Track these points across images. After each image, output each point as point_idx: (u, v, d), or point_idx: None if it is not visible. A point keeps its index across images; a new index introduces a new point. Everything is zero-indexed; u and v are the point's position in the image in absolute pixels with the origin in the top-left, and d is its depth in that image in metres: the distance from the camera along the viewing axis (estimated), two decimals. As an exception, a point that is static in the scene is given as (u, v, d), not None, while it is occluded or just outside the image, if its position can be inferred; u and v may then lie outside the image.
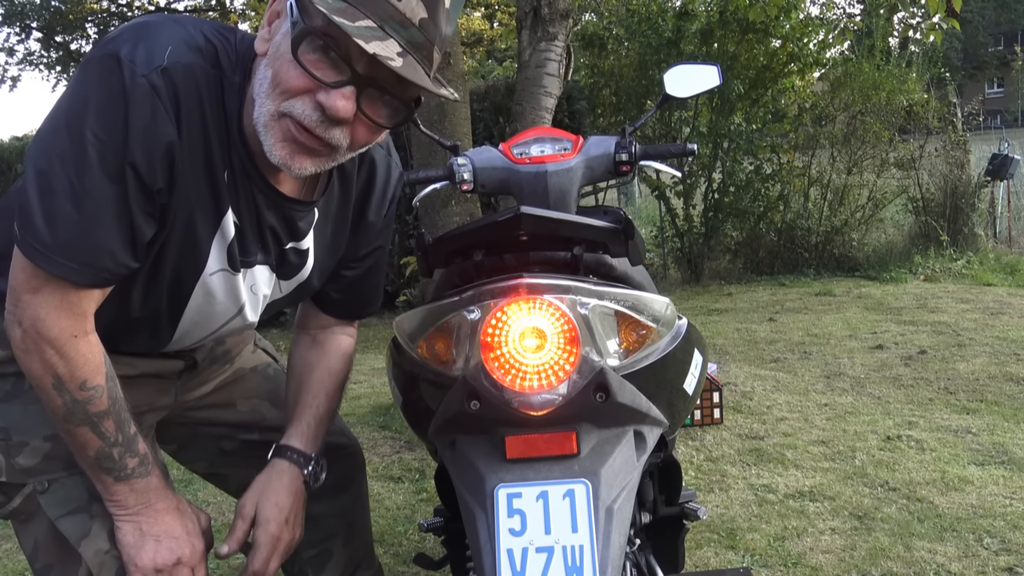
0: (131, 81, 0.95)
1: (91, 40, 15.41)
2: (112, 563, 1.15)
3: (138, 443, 1.09)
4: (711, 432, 3.31)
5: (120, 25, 1.03)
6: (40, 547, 1.18)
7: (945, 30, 5.23)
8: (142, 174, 0.98)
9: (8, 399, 1.16)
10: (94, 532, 1.15)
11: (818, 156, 7.33)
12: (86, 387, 1.02)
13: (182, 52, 0.99)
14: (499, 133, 6.29)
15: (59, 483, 1.15)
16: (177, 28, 1.02)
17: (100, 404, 1.04)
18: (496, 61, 18.91)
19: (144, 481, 1.10)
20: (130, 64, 0.95)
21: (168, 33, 1.00)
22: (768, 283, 6.88)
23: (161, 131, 0.98)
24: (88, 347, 1.03)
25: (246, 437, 1.47)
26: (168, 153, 1.00)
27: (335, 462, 1.46)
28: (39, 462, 1.15)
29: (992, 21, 38.49)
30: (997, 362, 3.99)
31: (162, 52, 0.97)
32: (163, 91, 0.97)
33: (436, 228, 3.36)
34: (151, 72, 0.96)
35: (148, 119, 0.96)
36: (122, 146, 0.96)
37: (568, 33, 3.98)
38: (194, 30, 1.03)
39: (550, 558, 1.03)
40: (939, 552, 2.23)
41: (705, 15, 6.80)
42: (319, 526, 1.47)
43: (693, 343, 1.34)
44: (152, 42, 0.98)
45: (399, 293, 4.80)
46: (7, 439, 1.15)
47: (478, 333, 1.07)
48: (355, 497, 1.57)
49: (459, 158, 1.73)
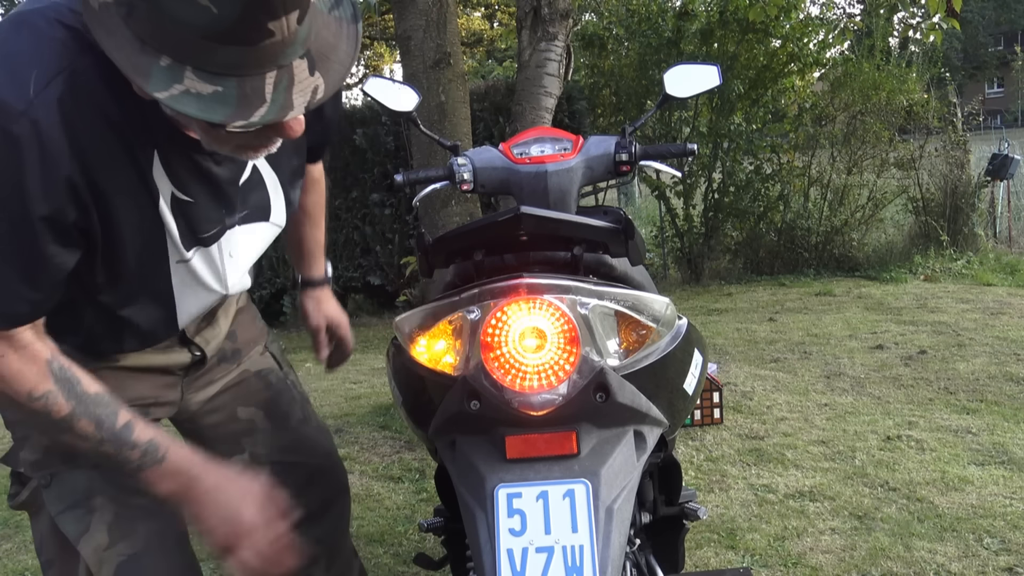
0: (8, 129, 0.87)
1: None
2: (112, 559, 1.15)
3: (132, 434, 1.03)
4: (711, 432, 3.31)
5: None
6: (44, 542, 1.19)
7: (945, 30, 5.23)
8: (51, 217, 0.93)
9: None
10: (93, 528, 1.14)
11: (818, 156, 7.33)
12: (33, 397, 0.98)
13: (49, 65, 0.90)
14: (499, 133, 6.29)
15: (59, 478, 1.15)
16: (31, 38, 0.91)
17: (60, 408, 0.99)
18: (496, 61, 18.90)
19: (159, 468, 1.04)
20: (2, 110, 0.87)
21: (25, 52, 0.90)
22: (768, 283, 6.88)
23: (55, 169, 0.91)
24: (20, 361, 0.98)
25: (244, 461, 1.43)
26: (70, 185, 0.93)
27: (317, 485, 1.45)
28: (40, 457, 1.16)
29: (992, 21, 38.49)
30: (997, 362, 3.99)
31: (28, 81, 0.88)
32: (44, 125, 0.88)
33: (436, 228, 3.36)
34: (26, 111, 0.87)
35: (38, 162, 0.89)
36: (22, 199, 0.89)
37: (568, 33, 3.98)
38: (47, 26, 0.92)
39: (550, 558, 1.03)
40: (939, 552, 2.23)
41: (705, 15, 6.80)
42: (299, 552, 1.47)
43: (693, 343, 1.34)
44: (14, 73, 0.88)
45: (399, 293, 4.80)
46: (14, 432, 1.18)
47: (478, 333, 1.07)
48: (336, 520, 1.53)
49: (459, 158, 1.73)
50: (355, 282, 7.07)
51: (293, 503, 1.37)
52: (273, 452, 1.42)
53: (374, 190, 6.80)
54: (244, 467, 1.35)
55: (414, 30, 3.51)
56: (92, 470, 1.14)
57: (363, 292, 7.15)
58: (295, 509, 1.36)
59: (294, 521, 1.34)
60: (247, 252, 1.21)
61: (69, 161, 0.92)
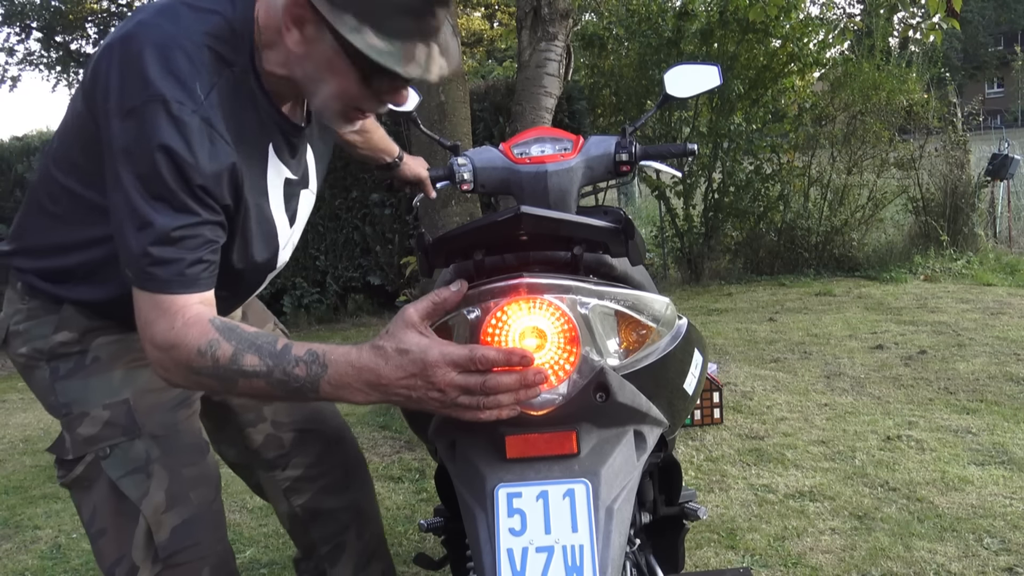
0: (187, 120, 1.04)
1: (91, 40, 15.40)
2: (169, 521, 1.24)
3: (291, 351, 1.02)
4: (711, 432, 3.31)
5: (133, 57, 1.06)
6: (97, 512, 1.26)
7: (945, 30, 5.23)
8: (215, 197, 1.07)
9: (69, 376, 1.26)
10: (152, 491, 1.24)
11: (818, 156, 7.32)
12: (201, 352, 1.02)
13: (207, 79, 1.08)
14: (499, 133, 6.29)
15: (120, 448, 1.24)
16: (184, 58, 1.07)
17: (225, 352, 1.02)
18: (496, 61, 18.91)
19: (326, 378, 1.01)
20: (179, 105, 1.03)
21: (184, 69, 1.06)
22: (768, 283, 6.88)
23: (223, 157, 1.08)
24: (187, 326, 1.04)
25: (267, 431, 1.54)
26: (232, 173, 1.10)
27: (336, 453, 1.57)
28: (100, 430, 1.24)
29: (992, 21, 38.48)
30: (997, 362, 3.99)
31: (195, 89, 1.05)
32: (214, 122, 1.07)
33: (436, 228, 3.36)
34: (199, 108, 1.05)
35: (209, 148, 1.06)
36: (193, 177, 1.04)
37: (568, 33, 3.98)
38: (195, 49, 1.08)
39: (550, 558, 1.03)
40: (939, 552, 2.23)
41: (705, 15, 6.80)
42: (333, 520, 1.58)
43: (693, 343, 1.34)
44: (183, 84, 1.05)
45: (399, 293, 4.80)
46: (69, 413, 1.25)
47: (478, 333, 1.07)
48: (361, 485, 1.64)
49: (459, 158, 1.73)
50: (355, 282, 7.08)
51: (318, 468, 1.56)
52: (295, 421, 1.54)
53: (374, 190, 6.80)
54: (267, 438, 1.53)
55: (414, 30, 3.50)
56: (150, 440, 1.24)
57: (363, 292, 7.16)
58: (321, 475, 1.56)
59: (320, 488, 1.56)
60: (303, 220, 1.36)
61: (233, 152, 1.09)
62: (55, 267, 1.24)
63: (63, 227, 1.21)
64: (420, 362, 0.98)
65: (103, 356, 1.27)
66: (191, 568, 1.26)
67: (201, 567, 1.28)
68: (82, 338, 1.26)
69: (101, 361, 1.26)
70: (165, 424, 1.27)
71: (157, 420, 1.26)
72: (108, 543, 1.26)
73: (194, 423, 1.34)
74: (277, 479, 1.57)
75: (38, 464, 3.82)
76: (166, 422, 1.27)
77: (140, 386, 1.26)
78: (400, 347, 0.99)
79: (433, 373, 0.98)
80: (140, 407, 1.25)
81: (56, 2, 14.32)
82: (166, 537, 1.24)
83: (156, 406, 1.27)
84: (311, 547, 1.63)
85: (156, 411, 1.27)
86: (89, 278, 1.23)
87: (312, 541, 1.61)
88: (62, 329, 1.25)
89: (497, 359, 0.98)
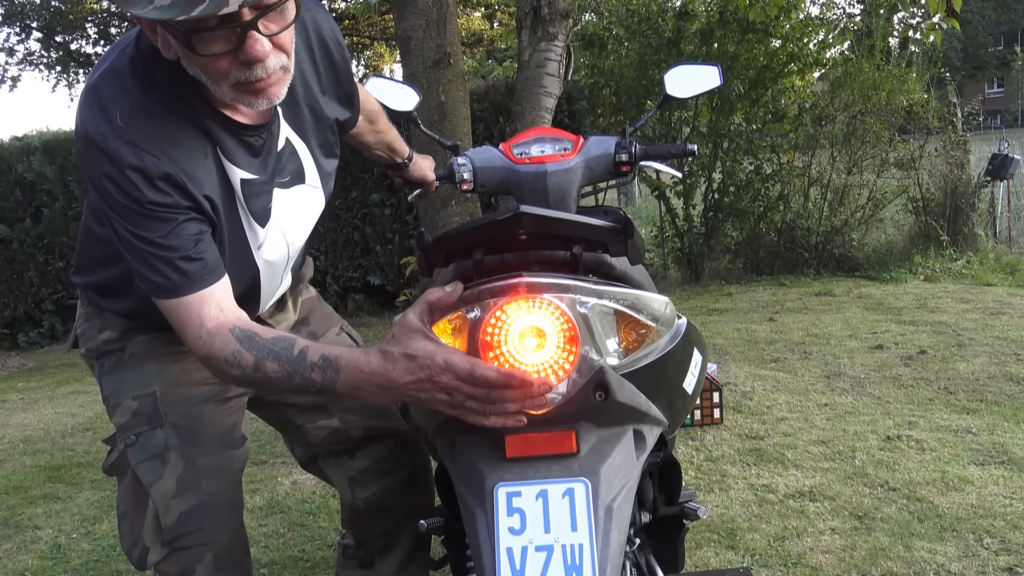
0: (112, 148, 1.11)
1: (91, 40, 15.39)
2: (177, 506, 1.31)
3: (307, 357, 1.08)
4: (711, 432, 3.31)
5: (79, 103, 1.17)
6: (123, 496, 1.36)
7: (945, 30, 5.23)
8: (169, 204, 1.13)
9: (111, 371, 1.39)
10: (164, 478, 1.32)
11: (818, 156, 7.32)
12: (229, 363, 1.11)
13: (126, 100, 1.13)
14: (499, 133, 6.29)
15: (144, 436, 1.34)
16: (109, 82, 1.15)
17: (247, 361, 1.10)
18: (496, 61, 18.90)
19: (340, 381, 1.06)
20: (102, 138, 1.11)
21: (106, 95, 1.14)
22: (768, 283, 6.88)
23: (156, 169, 1.12)
24: (211, 336, 1.12)
25: (334, 426, 1.57)
26: (169, 180, 1.14)
27: (404, 456, 1.60)
28: (128, 419, 1.35)
29: (992, 21, 38.48)
30: (997, 362, 3.99)
31: (114, 116, 1.12)
32: (137, 140, 1.12)
33: (436, 228, 3.37)
34: (119, 133, 1.11)
35: (139, 165, 1.11)
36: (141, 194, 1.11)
37: (568, 33, 3.99)
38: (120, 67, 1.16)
39: (549, 557, 1.03)
40: (939, 552, 2.23)
41: (705, 15, 6.80)
42: (391, 517, 1.62)
43: (693, 342, 1.34)
44: (104, 111, 1.12)
45: (399, 293, 4.81)
46: (107, 404, 1.39)
47: (478, 332, 1.07)
48: (426, 489, 1.66)
49: (459, 158, 1.73)
50: (355, 282, 7.08)
51: (385, 465, 1.59)
52: (364, 418, 1.57)
53: (374, 190, 6.80)
54: (332, 432, 1.57)
55: (414, 30, 3.51)
56: (171, 429, 1.33)
57: (363, 292, 7.16)
58: (388, 472, 1.59)
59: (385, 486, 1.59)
60: (297, 217, 1.37)
61: (167, 163, 1.13)
62: (98, 281, 1.39)
63: (104, 245, 1.31)
64: (426, 367, 1.01)
65: (138, 352, 1.38)
66: (195, 553, 1.32)
67: (204, 552, 1.33)
68: (122, 336, 1.39)
69: (136, 356, 1.38)
70: (189, 416, 1.35)
71: (181, 411, 1.35)
72: (128, 526, 1.35)
73: (223, 418, 1.40)
74: (344, 465, 1.61)
75: (38, 464, 3.82)
76: (191, 414, 1.35)
77: (169, 379, 1.36)
78: (407, 352, 1.02)
79: (439, 378, 1.01)
80: (166, 399, 1.35)
81: (56, 2, 14.31)
82: (173, 521, 1.31)
83: (183, 399, 1.36)
84: (365, 538, 1.67)
85: (182, 403, 1.35)
86: (124, 290, 1.34)
87: (368, 534, 1.66)
88: (105, 329, 1.40)
89: (496, 381, 1.01)
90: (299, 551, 2.60)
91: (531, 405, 1.04)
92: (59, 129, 8.36)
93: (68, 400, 5.23)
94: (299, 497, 3.03)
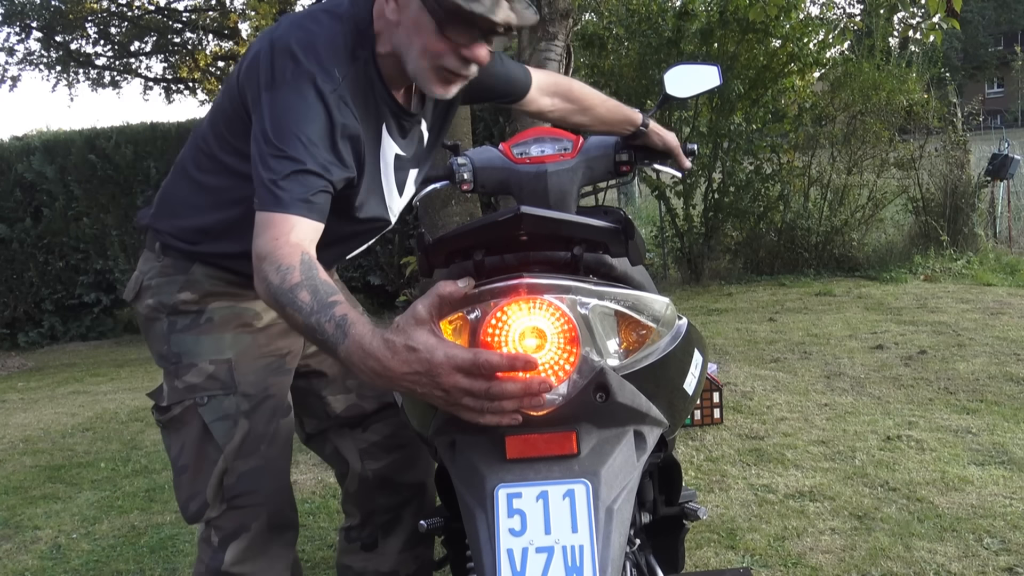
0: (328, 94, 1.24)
1: (91, 40, 15.38)
2: (239, 467, 1.43)
3: (333, 308, 1.08)
4: (711, 432, 3.31)
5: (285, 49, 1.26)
6: (184, 450, 1.45)
7: (945, 30, 5.23)
8: (344, 155, 1.26)
9: (185, 331, 1.46)
10: (235, 439, 1.43)
11: (818, 156, 7.33)
12: (280, 269, 1.13)
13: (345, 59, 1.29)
14: (499, 133, 6.29)
15: (217, 399, 1.43)
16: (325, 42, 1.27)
17: (294, 278, 1.12)
18: (496, 61, 18.87)
19: (342, 345, 1.06)
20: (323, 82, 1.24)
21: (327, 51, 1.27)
22: (768, 283, 6.88)
23: (352, 127, 1.27)
24: (286, 246, 1.16)
25: (351, 401, 1.66)
26: (356, 142, 1.29)
27: (411, 433, 1.63)
28: (203, 380, 1.44)
29: (992, 21, 38.48)
30: (997, 362, 3.99)
31: (334, 72, 1.26)
32: (348, 100, 1.27)
33: (436, 228, 3.37)
34: (337, 87, 1.25)
35: (344, 118, 1.25)
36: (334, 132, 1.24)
37: (568, 33, 3.98)
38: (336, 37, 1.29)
39: (550, 558, 1.03)
40: (939, 552, 2.23)
41: (705, 15, 6.80)
42: (397, 492, 1.69)
43: (693, 343, 1.34)
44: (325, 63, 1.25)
45: (399, 293, 4.81)
46: (178, 362, 1.45)
47: (478, 333, 1.07)
48: (428, 467, 1.71)
49: (459, 158, 1.73)
50: (355, 282, 7.07)
51: (394, 440, 1.68)
52: (378, 394, 1.65)
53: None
54: (350, 406, 1.66)
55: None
56: (242, 397, 1.44)
57: (363, 292, 7.16)
58: (396, 447, 1.68)
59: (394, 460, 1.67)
60: (411, 191, 1.54)
61: (359, 127, 1.29)
62: (192, 226, 1.44)
63: (204, 191, 1.42)
64: (426, 362, 0.99)
65: (216, 319, 1.46)
66: (251, 512, 1.45)
67: (260, 512, 1.46)
68: (201, 300, 1.46)
69: (214, 323, 1.46)
70: (257, 385, 1.46)
71: (251, 380, 1.46)
72: (187, 479, 1.45)
73: (283, 388, 1.52)
74: (357, 438, 1.68)
75: (38, 464, 3.82)
76: (259, 383, 1.46)
77: (243, 350, 1.46)
78: (409, 343, 1.01)
79: (438, 374, 0.99)
80: (240, 367, 1.45)
81: (56, 2, 14.29)
82: (234, 480, 1.43)
83: (253, 369, 1.46)
84: (371, 513, 1.71)
85: (252, 373, 1.46)
86: (225, 235, 1.42)
87: (374, 508, 1.71)
88: (186, 290, 1.46)
89: (501, 364, 0.98)
90: (299, 551, 2.60)
91: (530, 404, 1.02)
92: (59, 129, 8.37)
93: (68, 400, 5.23)
94: (299, 497, 3.03)
